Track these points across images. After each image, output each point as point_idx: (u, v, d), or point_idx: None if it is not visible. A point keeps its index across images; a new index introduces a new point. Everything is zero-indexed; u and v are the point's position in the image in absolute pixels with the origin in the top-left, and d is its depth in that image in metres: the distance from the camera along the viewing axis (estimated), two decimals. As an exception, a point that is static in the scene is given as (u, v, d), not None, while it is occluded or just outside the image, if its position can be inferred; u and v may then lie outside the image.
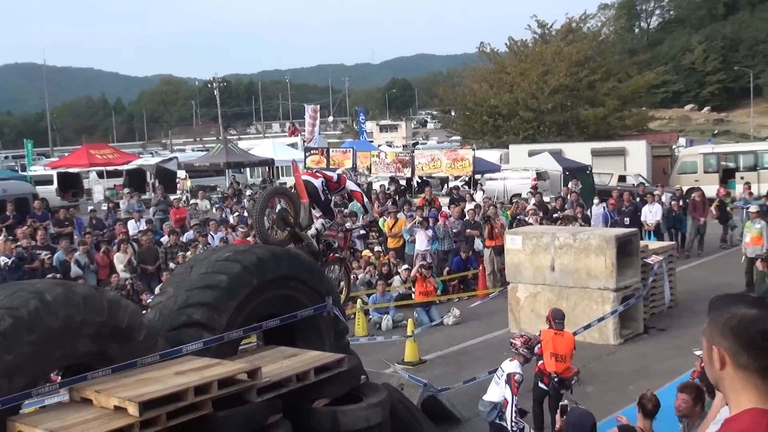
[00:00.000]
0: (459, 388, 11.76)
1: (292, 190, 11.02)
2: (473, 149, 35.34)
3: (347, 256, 12.10)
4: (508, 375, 9.26)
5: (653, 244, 18.72)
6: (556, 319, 10.69)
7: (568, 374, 10.27)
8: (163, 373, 7.56)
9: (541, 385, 10.50)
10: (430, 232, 20.73)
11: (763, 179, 35.14)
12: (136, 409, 6.72)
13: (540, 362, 10.56)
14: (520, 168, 35.22)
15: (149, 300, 14.47)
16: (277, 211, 10.54)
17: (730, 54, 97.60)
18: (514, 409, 9.02)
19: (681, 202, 24.46)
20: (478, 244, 21.66)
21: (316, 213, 10.89)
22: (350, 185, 11.72)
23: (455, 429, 10.94)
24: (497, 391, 9.40)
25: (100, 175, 43.47)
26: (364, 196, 12.62)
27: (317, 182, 10.99)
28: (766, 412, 2.67)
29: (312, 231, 10.94)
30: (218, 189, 39.38)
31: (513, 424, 9.00)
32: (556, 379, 10.37)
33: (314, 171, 11.48)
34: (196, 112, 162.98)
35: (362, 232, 17.12)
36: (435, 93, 64.95)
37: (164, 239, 20.79)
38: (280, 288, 9.31)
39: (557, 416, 7.20)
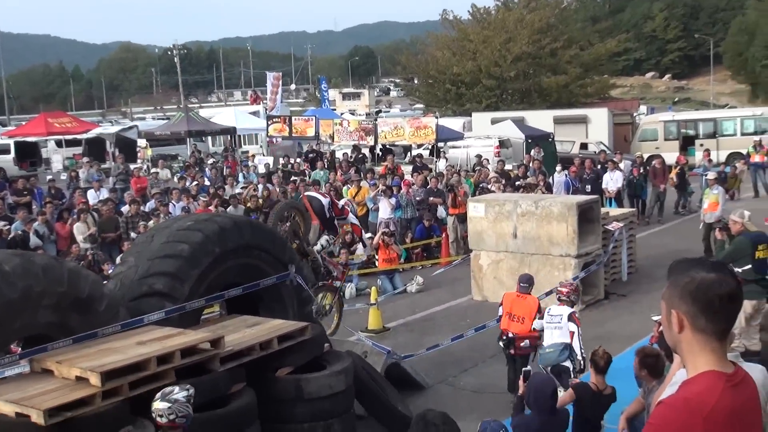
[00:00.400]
0: (422, 354, 11.86)
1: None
2: (436, 117, 35.31)
3: (342, 288, 12.74)
4: (571, 314, 9.71)
5: (614, 211, 18.90)
6: (521, 282, 10.90)
7: (521, 333, 10.37)
8: (125, 343, 7.53)
9: (500, 343, 10.65)
10: (393, 201, 20.75)
11: (723, 146, 35.58)
12: (98, 379, 6.69)
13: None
14: (482, 136, 35.28)
15: (110, 270, 14.35)
16: (288, 224, 11.35)
17: (690, 22, 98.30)
18: (580, 339, 9.53)
19: (641, 170, 24.68)
20: (441, 212, 21.73)
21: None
22: (351, 218, 12.95)
23: (419, 395, 11.03)
24: (560, 333, 9.69)
25: (58, 144, 42.83)
26: (363, 232, 13.19)
27: (324, 200, 11.90)
28: (722, 375, 2.71)
29: (317, 247, 11.62)
30: (179, 158, 39.02)
31: (581, 351, 9.46)
32: (504, 338, 10.52)
33: (323, 192, 11.99)
34: (156, 80, 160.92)
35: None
36: (398, 61, 64.63)
37: (125, 209, 20.59)
38: (243, 257, 9.28)
39: (520, 382, 7.29)
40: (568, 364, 9.47)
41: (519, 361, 10.30)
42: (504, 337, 10.53)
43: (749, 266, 11.09)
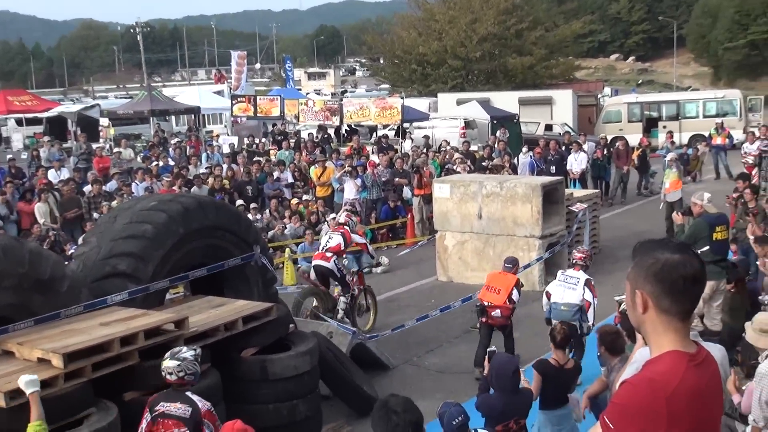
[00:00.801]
0: (387, 335, 11.89)
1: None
2: (402, 97, 35.27)
3: (367, 286, 13.74)
4: (587, 280, 10.38)
5: (578, 192, 19.05)
6: (506, 263, 11.38)
7: (495, 304, 10.72)
8: (88, 325, 7.47)
9: (475, 312, 11.30)
10: (358, 181, 20.73)
11: (685, 128, 35.94)
12: (61, 360, 6.63)
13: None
14: (448, 117, 35.31)
15: (72, 251, 14.19)
16: (309, 311, 12.35)
17: (654, 4, 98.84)
18: (595, 310, 10.28)
19: (605, 151, 24.86)
20: (406, 192, 21.76)
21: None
22: (356, 238, 13.48)
23: (384, 375, 11.08)
24: (575, 295, 10.31)
25: (18, 122, 42.20)
26: (368, 246, 14.45)
27: (329, 264, 12.56)
28: (684, 354, 2.73)
29: (340, 314, 12.48)
30: (143, 137, 38.62)
31: (593, 320, 10.22)
32: (478, 306, 10.97)
33: (324, 252, 12.86)
34: (118, 58, 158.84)
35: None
36: (364, 40, 64.45)
37: (87, 189, 20.36)
38: (207, 237, 9.24)
39: (485, 362, 7.34)
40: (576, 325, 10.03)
41: (487, 334, 10.60)
42: (477, 305, 10.98)
43: (707, 248, 11.23)
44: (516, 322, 13.10)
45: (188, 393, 6.33)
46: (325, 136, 32.04)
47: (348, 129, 33.67)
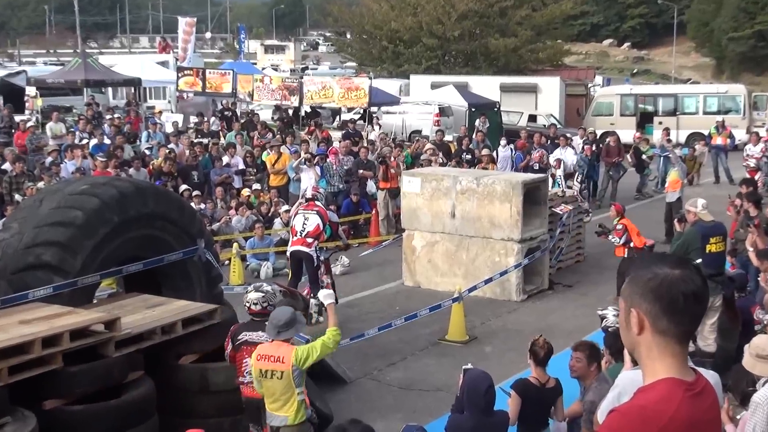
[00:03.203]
0: (345, 345, 11.85)
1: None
2: (370, 78, 35.29)
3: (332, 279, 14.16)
4: None
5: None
6: None
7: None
8: (6, 322, 7.39)
9: None
10: (318, 170, 20.69)
11: (683, 125, 36.32)
12: (-28, 362, 6.55)
13: None
14: (421, 101, 35.38)
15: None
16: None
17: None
18: None
19: (594, 147, 25.00)
20: (371, 186, 21.76)
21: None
22: (331, 216, 13.94)
23: (340, 390, 11.04)
24: None
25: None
26: (339, 227, 14.88)
27: (310, 250, 12.93)
28: (681, 382, 2.74)
29: (314, 318, 13.01)
30: (74, 111, 38.20)
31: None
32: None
33: (304, 237, 13.18)
34: (49, 19, 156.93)
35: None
36: (329, 12, 64.27)
37: (7, 167, 20.09)
38: (145, 227, 9.19)
39: (459, 378, 7.38)
40: None
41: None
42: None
43: (699, 261, 11.30)
44: (488, 335, 13.22)
45: (266, 322, 7.82)
46: (285, 118, 31.92)
47: (308, 111, 33.60)
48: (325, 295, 8.42)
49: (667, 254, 2.94)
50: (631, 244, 14.56)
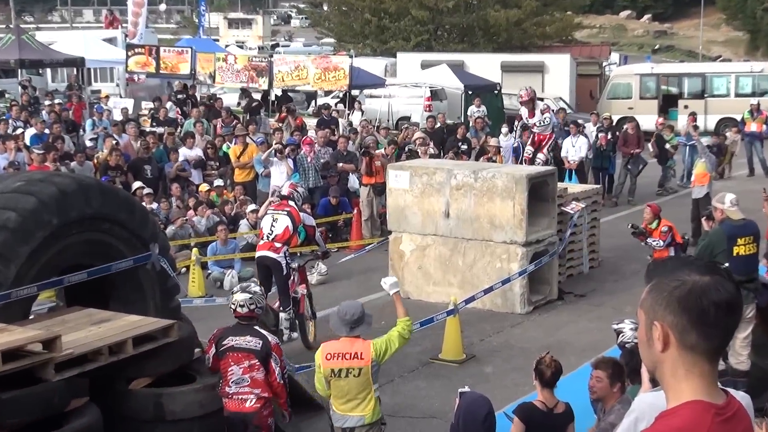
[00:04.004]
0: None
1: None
2: (351, 56, 35.24)
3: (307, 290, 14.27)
4: None
5: (574, 187, 19.20)
6: None
7: None
8: (-73, 342, 7.36)
9: None
10: (290, 163, 20.66)
11: (712, 109, 36.39)
12: None
13: None
14: (410, 83, 35.37)
15: None
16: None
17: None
18: None
19: (609, 135, 25.01)
20: (353, 181, 21.74)
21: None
22: (305, 218, 14.06)
23: (318, 419, 10.99)
24: None
25: None
26: (316, 231, 14.83)
27: (279, 256, 12.96)
28: (710, 406, 2.72)
29: (285, 335, 13.02)
30: (7, 95, 38.08)
31: None
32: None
33: (272, 241, 13.13)
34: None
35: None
36: (303, -21, 64.29)
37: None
38: (90, 231, 9.17)
39: (455, 402, 7.39)
40: None
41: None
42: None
43: (725, 265, 11.27)
44: (489, 353, 13.22)
45: (256, 327, 8.52)
46: (253, 103, 31.84)
47: (279, 95, 33.56)
48: (390, 284, 9.12)
49: (695, 258, 2.92)
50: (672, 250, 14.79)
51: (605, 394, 7.70)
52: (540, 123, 20.64)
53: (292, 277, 13.32)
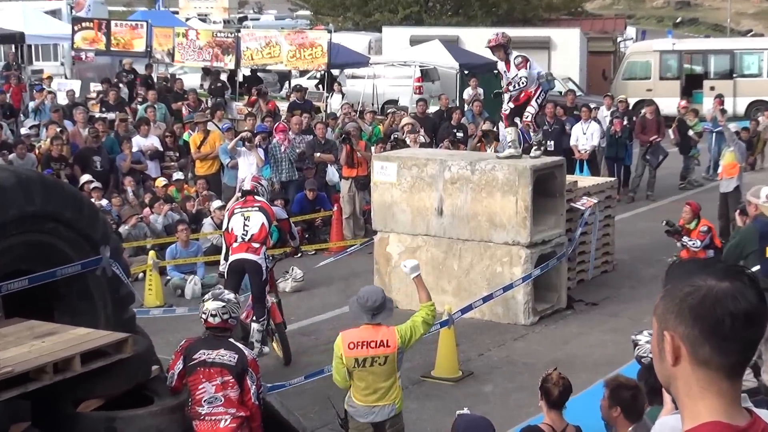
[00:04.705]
0: (299, 385, 11.86)
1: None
2: (329, 31, 35.23)
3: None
4: None
5: (585, 180, 19.23)
6: None
7: None
8: None
9: None
10: (261, 153, 20.64)
11: (741, 91, 36.48)
12: None
13: None
14: (397, 62, 35.39)
15: None
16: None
17: None
18: None
19: (625, 121, 25.04)
20: (332, 173, 21.72)
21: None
22: (277, 212, 14.15)
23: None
24: None
25: None
26: (291, 224, 15.02)
27: (259, 258, 12.97)
28: (730, 428, 2.69)
29: (256, 348, 12.87)
30: (-65, 77, 38.09)
31: None
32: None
33: (249, 242, 13.04)
34: None
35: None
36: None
37: None
38: (31, 232, 9.14)
39: (451, 426, 7.41)
40: None
41: None
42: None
43: (757, 267, 11.22)
44: (489, 370, 13.24)
45: (231, 339, 8.62)
46: (218, 84, 31.79)
47: (248, 75, 33.54)
48: (411, 267, 9.49)
49: (714, 260, 2.92)
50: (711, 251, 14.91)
51: (605, 416, 7.58)
52: (515, 85, 16.62)
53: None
